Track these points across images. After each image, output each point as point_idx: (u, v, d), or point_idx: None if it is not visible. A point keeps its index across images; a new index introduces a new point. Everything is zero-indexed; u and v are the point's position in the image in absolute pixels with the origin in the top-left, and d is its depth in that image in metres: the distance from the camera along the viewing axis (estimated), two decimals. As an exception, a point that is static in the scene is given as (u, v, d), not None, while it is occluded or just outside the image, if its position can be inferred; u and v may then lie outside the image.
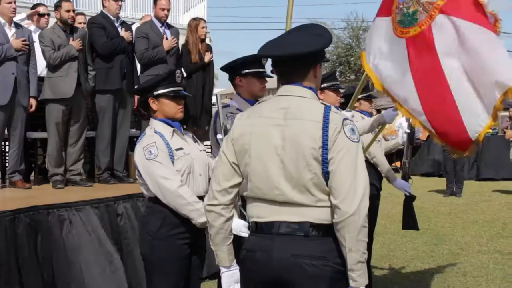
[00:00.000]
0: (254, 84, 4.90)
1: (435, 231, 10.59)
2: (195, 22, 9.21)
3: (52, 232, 6.02)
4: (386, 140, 7.46)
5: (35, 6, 9.49)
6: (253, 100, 4.85)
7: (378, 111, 17.41)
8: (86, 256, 6.15)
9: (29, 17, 9.13)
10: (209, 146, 5.16)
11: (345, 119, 3.06)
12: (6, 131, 7.86)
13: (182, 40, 9.09)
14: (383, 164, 6.66)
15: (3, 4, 7.70)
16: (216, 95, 4.71)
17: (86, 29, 8.42)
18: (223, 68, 5.08)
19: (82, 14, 9.55)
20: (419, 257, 8.76)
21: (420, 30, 4.71)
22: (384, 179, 6.77)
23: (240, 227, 3.99)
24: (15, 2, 7.78)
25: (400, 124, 14.83)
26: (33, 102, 7.84)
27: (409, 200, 6.79)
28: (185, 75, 8.79)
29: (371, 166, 6.47)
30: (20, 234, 5.71)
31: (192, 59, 9.00)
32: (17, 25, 7.90)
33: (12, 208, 5.90)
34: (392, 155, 13.65)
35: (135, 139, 9.21)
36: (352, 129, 3.05)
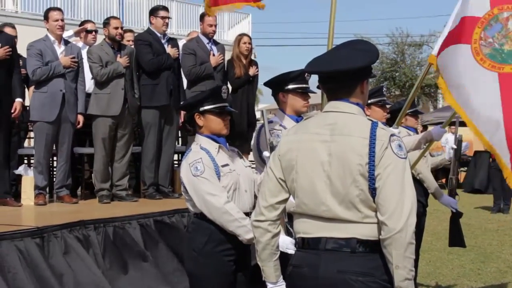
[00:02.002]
0: (297, 100, 4.89)
1: (482, 249, 10.43)
2: (238, 37, 9.28)
3: (99, 247, 6.07)
4: (432, 156, 7.39)
5: (83, 23, 9.63)
6: (296, 116, 4.84)
7: (425, 127, 17.24)
8: (133, 270, 6.19)
9: (77, 33, 9.26)
10: (254, 162, 5.16)
11: (392, 135, 3.04)
12: (54, 146, 7.97)
13: (228, 56, 9.15)
14: (430, 181, 6.60)
15: (50, 22, 7.85)
16: (262, 110, 4.70)
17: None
18: (266, 84, 5.08)
19: (131, 31, 9.67)
20: (465, 275, 8.64)
21: None
22: (430, 195, 6.71)
23: (287, 244, 3.97)
24: (62, 20, 7.91)
25: (447, 139, 14.70)
26: (80, 118, 7.95)
27: (456, 217, 6.72)
28: (230, 89, 8.82)
29: (417, 182, 6.42)
30: (67, 248, 5.76)
31: (236, 73, 9.04)
32: (66, 42, 8.04)
33: (59, 222, 5.98)
34: (438, 171, 13.50)
35: (181, 154, 9.29)
36: (400, 145, 3.03)
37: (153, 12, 8.51)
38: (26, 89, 8.43)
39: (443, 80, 5.10)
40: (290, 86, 4.87)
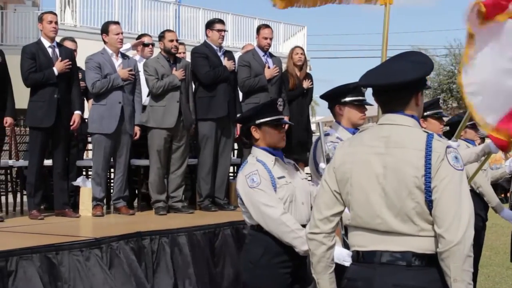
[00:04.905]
0: (354, 112, 4.87)
1: (543, 264, 10.21)
2: (292, 49, 9.34)
3: (155, 258, 6.11)
4: (491, 169, 7.27)
5: (140, 36, 9.76)
6: (352, 128, 4.82)
7: (483, 139, 16.97)
8: (190, 280, 6.22)
9: (134, 47, 9.39)
10: (310, 174, 5.15)
11: (448, 146, 3.01)
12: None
13: (283, 69, 9.17)
14: (490, 194, 6.50)
15: (111, 35, 7.97)
16: (319, 123, 4.70)
17: (187, 59, 8.60)
18: (322, 96, 5.07)
19: (182, 44, 9.77)
20: (526, 291, 8.47)
21: None
22: (490, 209, 6.60)
23: (343, 256, 3.94)
24: (122, 33, 8.05)
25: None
26: (137, 130, 8.04)
27: (517, 231, 6.60)
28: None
29: (477, 196, 6.33)
30: (124, 259, 5.82)
31: (290, 85, 9.05)
32: (123, 55, 8.16)
33: (117, 233, 6.04)
34: (497, 185, 13.26)
35: (236, 167, 9.31)
36: (456, 157, 2.99)
37: (209, 25, 8.58)
38: (86, 102, 8.58)
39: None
40: (347, 99, 4.85)
